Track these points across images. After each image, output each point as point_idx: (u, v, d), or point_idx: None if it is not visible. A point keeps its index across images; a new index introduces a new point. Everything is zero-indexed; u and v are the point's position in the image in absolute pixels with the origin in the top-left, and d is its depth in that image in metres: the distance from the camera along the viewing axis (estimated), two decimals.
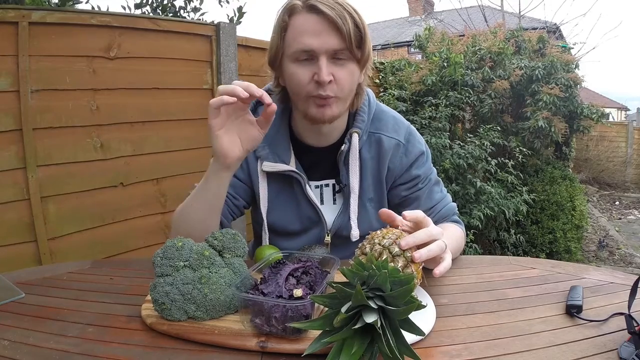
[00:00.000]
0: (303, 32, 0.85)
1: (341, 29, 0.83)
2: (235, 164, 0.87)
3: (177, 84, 2.33)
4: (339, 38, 0.84)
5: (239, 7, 3.05)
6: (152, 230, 2.24)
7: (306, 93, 0.89)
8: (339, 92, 0.89)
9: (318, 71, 0.85)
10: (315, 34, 0.84)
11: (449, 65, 3.99)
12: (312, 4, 0.84)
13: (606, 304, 0.76)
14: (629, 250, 4.57)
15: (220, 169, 0.86)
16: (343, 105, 0.93)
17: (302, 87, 0.89)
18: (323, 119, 0.91)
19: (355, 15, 0.85)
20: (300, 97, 0.91)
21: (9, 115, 1.76)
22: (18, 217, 1.80)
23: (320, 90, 0.87)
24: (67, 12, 1.99)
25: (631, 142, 8.99)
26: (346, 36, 0.84)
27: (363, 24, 0.86)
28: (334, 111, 0.91)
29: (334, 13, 0.83)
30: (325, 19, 0.83)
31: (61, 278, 0.94)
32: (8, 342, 0.66)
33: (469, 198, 3.36)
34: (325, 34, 0.84)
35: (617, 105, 19.96)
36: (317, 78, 0.86)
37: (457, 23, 8.44)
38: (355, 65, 0.90)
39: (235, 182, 1.04)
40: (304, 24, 0.86)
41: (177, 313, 0.69)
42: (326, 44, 0.85)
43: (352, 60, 0.88)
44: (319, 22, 0.84)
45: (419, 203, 1.06)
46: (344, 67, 0.88)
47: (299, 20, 0.86)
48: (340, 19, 0.83)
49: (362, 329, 0.54)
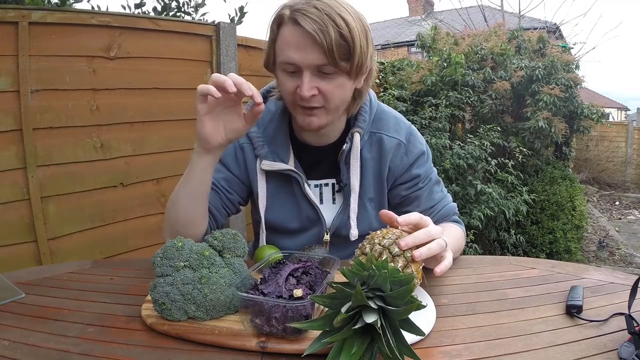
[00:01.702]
0: (287, 45, 0.84)
1: (321, 45, 0.81)
2: (217, 150, 0.87)
3: (177, 84, 2.33)
4: (320, 53, 0.82)
5: (240, 7, 3.05)
6: (152, 230, 2.24)
7: (291, 101, 0.90)
8: (325, 103, 0.89)
9: (300, 85, 0.85)
10: (297, 49, 0.83)
11: (449, 65, 3.99)
12: (296, 17, 0.82)
13: (606, 304, 0.76)
14: (629, 251, 4.57)
15: (202, 152, 0.87)
16: (333, 114, 0.93)
17: (289, 95, 0.90)
18: (310, 127, 0.92)
19: (342, 25, 0.81)
20: (289, 104, 0.93)
21: (9, 115, 1.76)
22: (18, 217, 1.80)
23: (304, 103, 0.87)
24: (67, 12, 1.99)
25: (631, 142, 8.99)
26: (327, 51, 0.81)
27: (352, 34, 0.82)
28: (322, 121, 0.91)
29: (315, 27, 0.80)
30: (307, 34, 0.81)
31: (61, 278, 0.94)
32: (8, 342, 0.66)
33: (469, 198, 3.36)
34: (307, 49, 0.83)
35: (617, 105, 19.96)
36: (299, 92, 0.86)
37: (457, 23, 8.43)
38: (345, 77, 0.87)
39: (230, 176, 1.04)
40: (289, 37, 0.84)
41: (177, 313, 0.69)
42: (307, 59, 0.83)
43: (340, 73, 0.86)
44: (301, 36, 0.82)
45: (419, 203, 1.06)
46: (332, 80, 0.86)
47: (285, 31, 0.85)
48: (321, 34, 0.80)
49: (362, 329, 0.54)
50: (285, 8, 0.85)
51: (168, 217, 0.95)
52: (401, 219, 0.73)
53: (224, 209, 1.05)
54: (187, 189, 0.90)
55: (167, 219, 0.96)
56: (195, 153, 0.88)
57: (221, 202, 1.04)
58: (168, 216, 0.95)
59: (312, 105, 0.88)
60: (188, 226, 0.93)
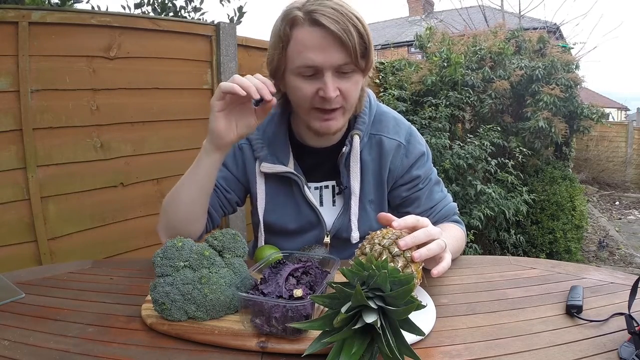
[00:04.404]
0: (307, 47, 0.82)
1: (346, 44, 0.80)
2: (227, 146, 0.88)
3: (177, 84, 2.33)
4: (344, 53, 0.82)
5: (239, 7, 3.06)
6: (152, 230, 2.22)
7: (310, 106, 0.88)
8: (345, 103, 0.89)
9: (324, 87, 0.84)
10: (320, 50, 0.82)
11: (449, 65, 3.99)
12: (315, 18, 0.80)
13: (606, 304, 0.76)
14: (629, 251, 4.57)
15: (212, 149, 0.87)
16: (348, 115, 0.94)
17: (306, 101, 0.88)
18: (329, 132, 0.92)
19: (359, 26, 0.82)
20: (303, 109, 0.91)
21: (9, 115, 1.76)
22: (18, 217, 1.80)
23: (326, 105, 0.87)
24: (67, 12, 1.99)
25: (631, 142, 8.99)
26: (352, 50, 0.81)
27: (367, 34, 0.84)
28: (340, 123, 0.91)
29: (338, 27, 0.79)
30: (330, 34, 0.80)
31: (61, 278, 0.94)
32: (8, 342, 0.66)
33: (469, 198, 3.36)
34: (330, 50, 0.81)
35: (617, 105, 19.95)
36: (323, 94, 0.84)
37: (457, 23, 8.43)
38: (360, 75, 0.89)
39: (229, 175, 1.04)
40: (308, 38, 0.82)
41: (177, 313, 0.69)
42: (331, 59, 0.82)
43: (357, 71, 0.87)
44: (323, 37, 0.81)
45: (419, 203, 1.06)
46: (350, 79, 0.87)
47: (301, 33, 0.83)
48: (346, 34, 0.80)
49: (362, 329, 0.54)
50: (294, 9, 0.83)
51: (166, 212, 0.95)
52: (396, 224, 0.72)
53: (221, 208, 1.05)
54: (191, 186, 0.90)
55: (164, 215, 0.95)
56: (204, 151, 0.88)
57: (219, 201, 1.04)
58: (166, 212, 0.95)
59: (334, 107, 0.87)
60: (187, 222, 0.93)
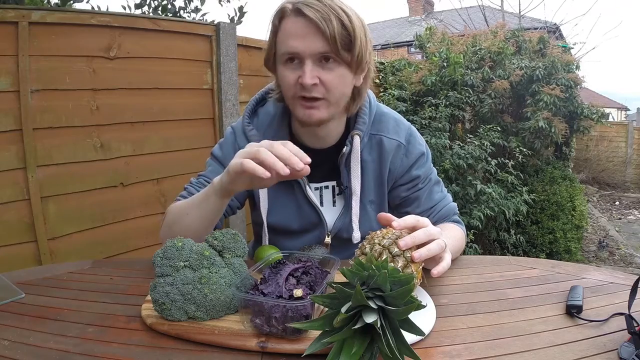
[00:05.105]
0: (290, 35, 0.86)
1: (325, 33, 0.83)
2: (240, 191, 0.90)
3: (177, 84, 2.33)
4: (323, 41, 0.84)
5: (239, 7, 3.06)
6: (152, 230, 2.24)
7: (292, 94, 0.90)
8: (327, 94, 0.89)
9: (302, 74, 0.86)
10: (300, 37, 0.85)
11: (448, 65, 3.99)
12: (299, 7, 0.84)
13: (606, 304, 0.76)
14: (629, 251, 4.57)
15: (222, 195, 0.84)
16: (334, 108, 0.93)
17: (289, 89, 0.90)
18: (310, 121, 0.91)
19: (344, 18, 0.84)
20: (288, 98, 0.93)
21: (9, 115, 1.75)
22: (18, 217, 1.80)
23: (305, 92, 0.88)
24: (67, 12, 1.99)
25: (631, 142, 8.98)
26: (330, 38, 0.83)
27: (353, 26, 0.85)
28: (322, 114, 0.91)
29: (318, 15, 0.83)
30: (310, 22, 0.84)
31: (61, 278, 0.94)
32: (8, 342, 0.66)
33: (469, 198, 3.36)
34: (310, 37, 0.84)
35: (618, 105, 19.95)
36: (301, 80, 0.86)
37: (457, 23, 8.43)
38: (346, 69, 0.89)
39: None
40: (291, 27, 0.86)
41: (177, 313, 0.69)
42: (310, 47, 0.85)
43: (341, 63, 0.88)
44: (304, 25, 0.85)
45: (419, 203, 1.06)
46: (332, 70, 0.88)
47: (287, 23, 0.87)
48: (325, 22, 0.83)
49: (362, 329, 0.54)
50: (287, 3, 0.87)
51: (171, 226, 0.93)
52: (396, 224, 0.73)
53: (223, 214, 1.05)
54: (197, 219, 0.89)
55: (168, 227, 0.93)
56: (215, 193, 0.84)
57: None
58: (171, 225, 0.93)
59: (314, 96, 0.88)
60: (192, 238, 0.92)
